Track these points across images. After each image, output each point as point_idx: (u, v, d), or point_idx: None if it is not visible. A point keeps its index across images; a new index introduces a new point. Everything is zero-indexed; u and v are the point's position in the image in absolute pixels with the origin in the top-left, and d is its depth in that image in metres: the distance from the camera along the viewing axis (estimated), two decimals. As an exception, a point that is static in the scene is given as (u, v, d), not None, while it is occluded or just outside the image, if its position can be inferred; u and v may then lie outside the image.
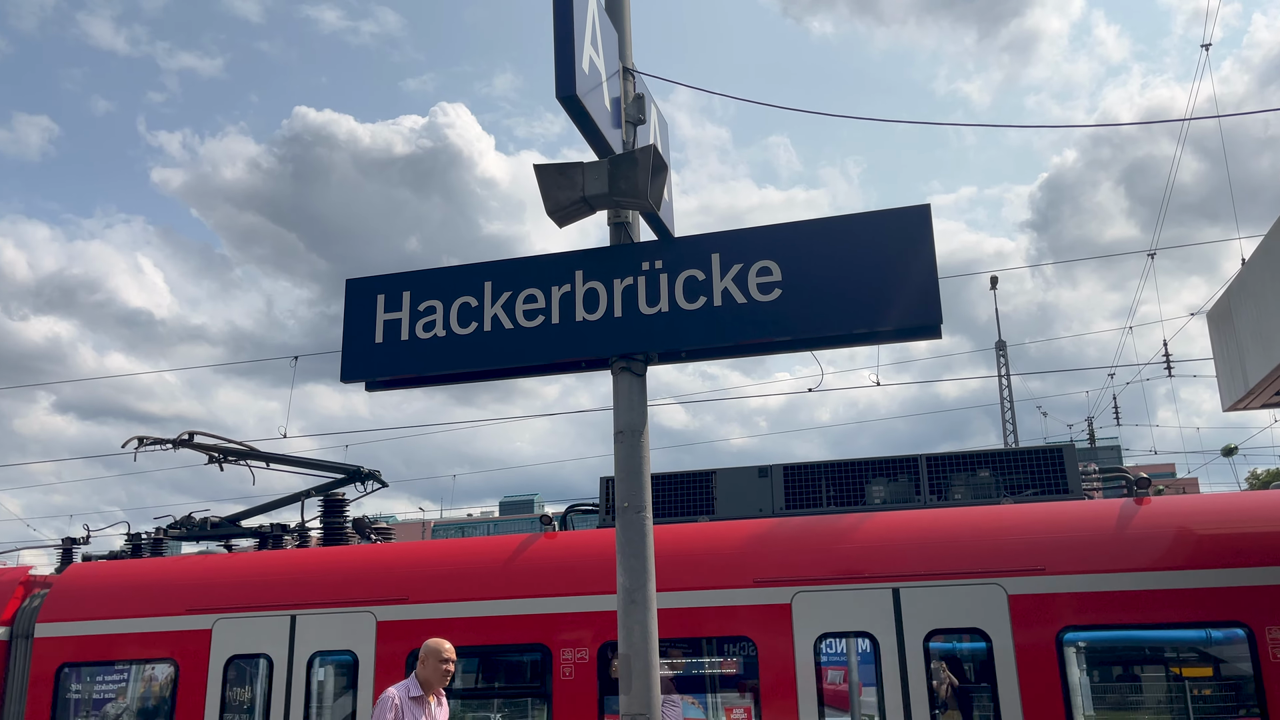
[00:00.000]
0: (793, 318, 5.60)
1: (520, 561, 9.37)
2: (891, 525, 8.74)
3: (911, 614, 8.29)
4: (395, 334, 6.06)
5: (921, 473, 9.41)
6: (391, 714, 6.84)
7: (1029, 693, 7.85)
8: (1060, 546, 8.20)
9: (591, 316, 5.83)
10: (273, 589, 9.76)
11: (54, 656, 9.98)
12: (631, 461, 5.62)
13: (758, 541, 8.93)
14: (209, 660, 9.60)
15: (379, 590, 9.44)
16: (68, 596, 10.29)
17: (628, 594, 5.43)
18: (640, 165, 5.63)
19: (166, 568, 10.50)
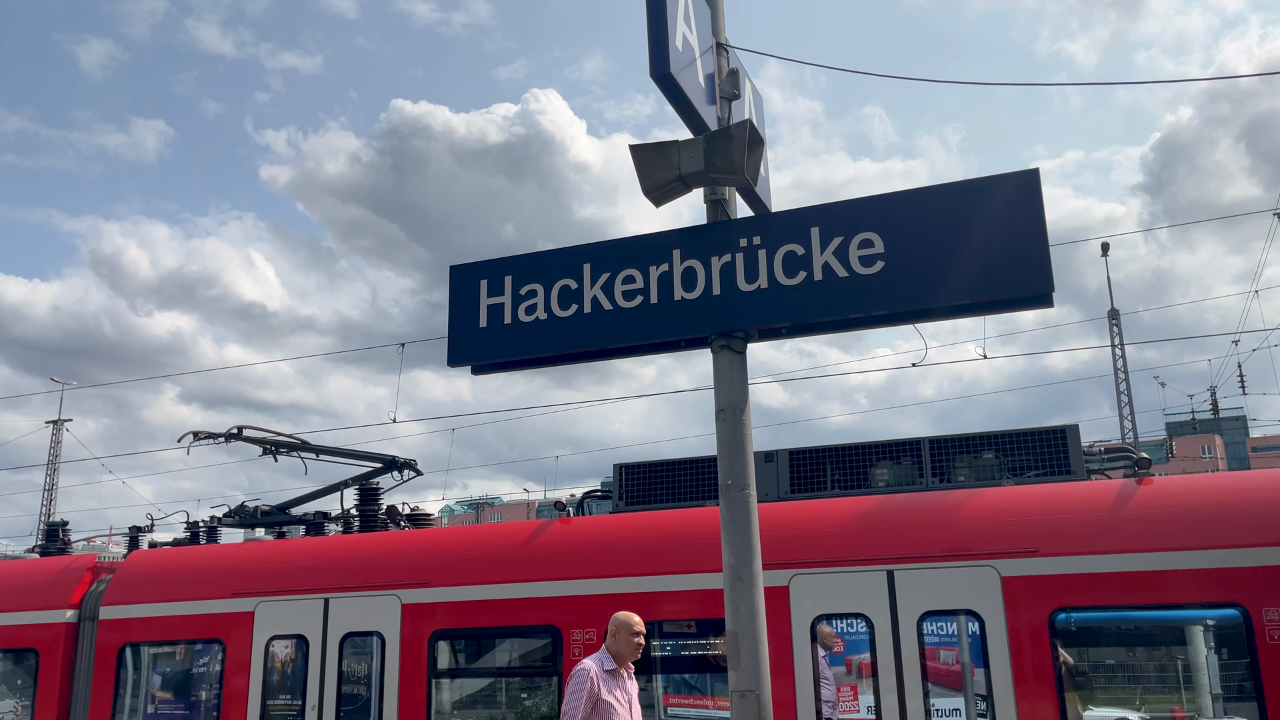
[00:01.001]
0: (896, 290, 5.48)
1: (534, 547, 9.76)
2: (887, 508, 8.84)
3: (906, 595, 8.39)
4: (499, 318, 6.12)
5: (924, 456, 9.46)
6: (589, 686, 6.69)
7: (1021, 673, 7.89)
8: (1054, 528, 8.18)
9: (690, 295, 5.79)
10: (308, 574, 10.37)
11: (116, 637, 10.80)
12: (734, 439, 5.62)
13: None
14: (252, 640, 10.27)
15: (403, 575, 9.95)
16: (128, 582, 11.11)
17: (734, 571, 5.48)
18: (736, 141, 5.59)
19: (215, 554, 11.24)
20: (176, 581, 10.90)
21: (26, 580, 11.66)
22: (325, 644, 10.02)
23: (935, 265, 5.50)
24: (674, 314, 5.80)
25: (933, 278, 5.49)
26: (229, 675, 10.24)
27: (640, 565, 9.22)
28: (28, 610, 11.26)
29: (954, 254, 5.49)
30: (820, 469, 9.77)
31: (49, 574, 11.60)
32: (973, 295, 5.45)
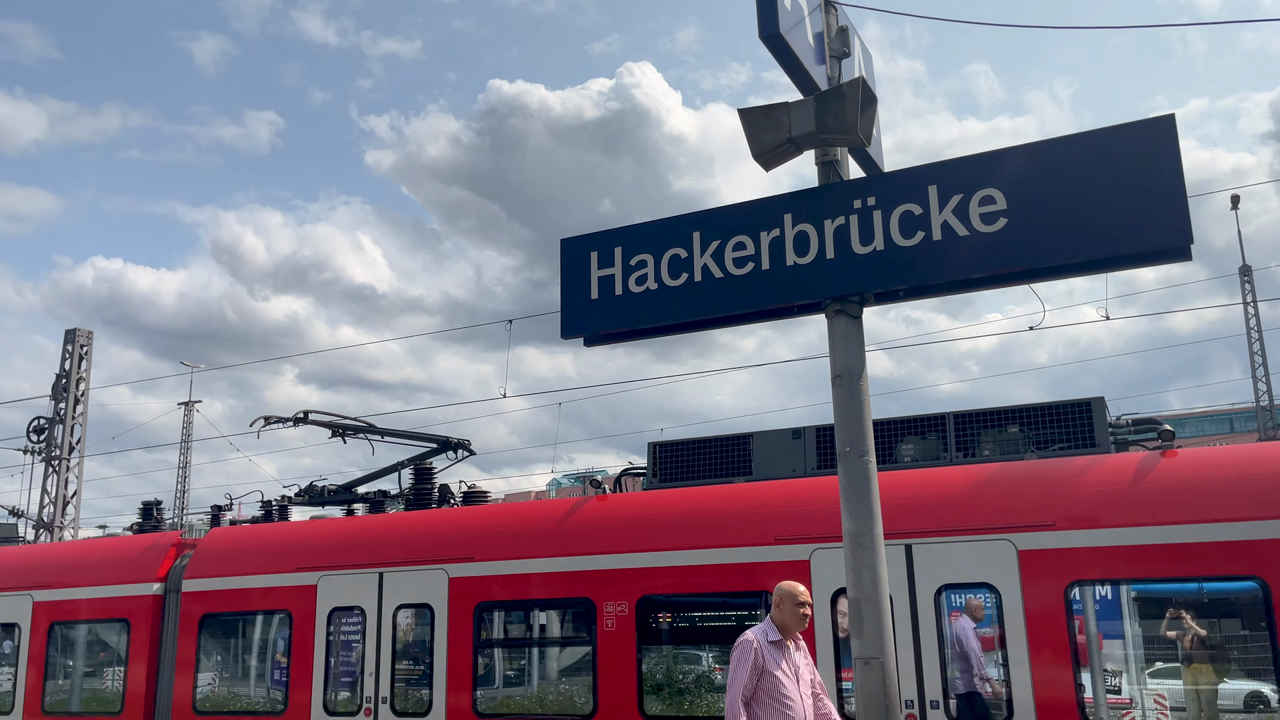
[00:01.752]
0: (1022, 248, 5.21)
1: (570, 523, 10.18)
2: (905, 483, 8.94)
3: (923, 569, 8.52)
4: (610, 289, 6.05)
5: (949, 430, 9.50)
6: (752, 658, 6.29)
7: (1037, 646, 7.95)
8: (1071, 502, 8.18)
9: (802, 260, 5.63)
10: (365, 550, 11.02)
11: (197, 608, 11.69)
12: (851, 406, 5.56)
13: (780, 501, 9.34)
14: (316, 611, 10.99)
15: (450, 550, 10.50)
16: (207, 557, 11.98)
17: (854, 539, 5.45)
18: (849, 99, 5.46)
19: (282, 532, 12.02)
20: (248, 557, 11.72)
21: (119, 556, 12.67)
22: (380, 614, 10.66)
23: (1063, 220, 5.21)
24: (786, 280, 5.66)
25: (1061, 233, 5.21)
26: (295, 643, 10.99)
27: (670, 540, 9.54)
28: (120, 583, 12.25)
29: (1083, 208, 5.22)
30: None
31: (138, 550, 12.59)
32: (1104, 250, 5.18)
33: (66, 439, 27.99)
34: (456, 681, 10.05)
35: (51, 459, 27.75)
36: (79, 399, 28.31)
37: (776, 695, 6.20)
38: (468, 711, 9.94)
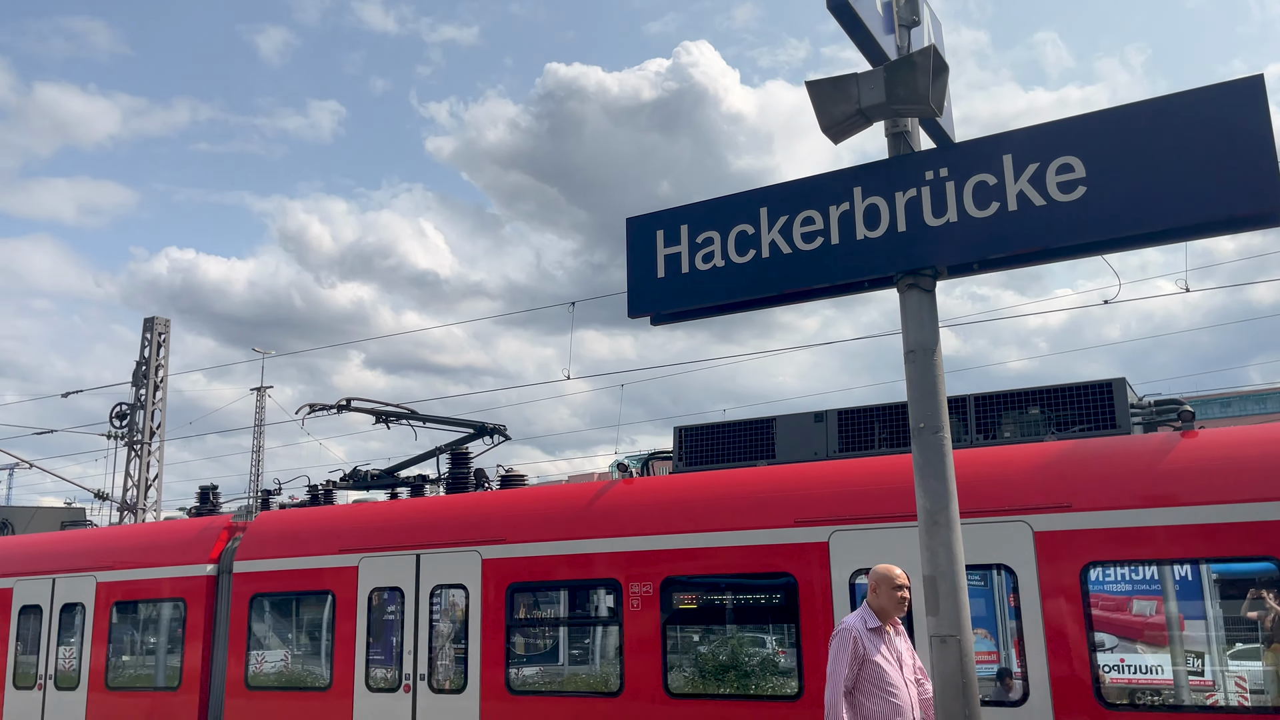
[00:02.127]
0: (1102, 216, 5.06)
1: (598, 505, 10.43)
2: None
3: (940, 551, 8.57)
4: (676, 267, 6.01)
5: (969, 412, 9.53)
6: (851, 647, 6.04)
7: (1053, 627, 8.00)
8: (1088, 483, 8.18)
9: (873, 234, 5.52)
10: (403, 532, 11.40)
11: (248, 588, 12.20)
12: (925, 381, 5.51)
13: (800, 484, 9.47)
14: (357, 591, 11.41)
15: (483, 533, 10.83)
16: (256, 540, 12.49)
17: (929, 516, 5.42)
18: (920, 68, 5.36)
19: (326, 515, 12.46)
20: (295, 539, 12.19)
21: (175, 538, 13.26)
22: (418, 594, 11.04)
23: (1145, 187, 5.07)
24: (857, 254, 5.53)
25: (1142, 201, 5.06)
26: (339, 622, 11.44)
27: (694, 523, 9.73)
28: (177, 565, 12.84)
29: (1166, 174, 5.06)
30: (868, 428, 9.98)
31: (194, 533, 13.16)
32: (1189, 217, 5.03)
33: (147, 424, 28.83)
34: (490, 659, 10.39)
35: (133, 444, 28.58)
36: (158, 385, 29.08)
37: (880, 684, 5.93)
38: (501, 688, 10.27)
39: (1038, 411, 9.28)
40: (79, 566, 13.60)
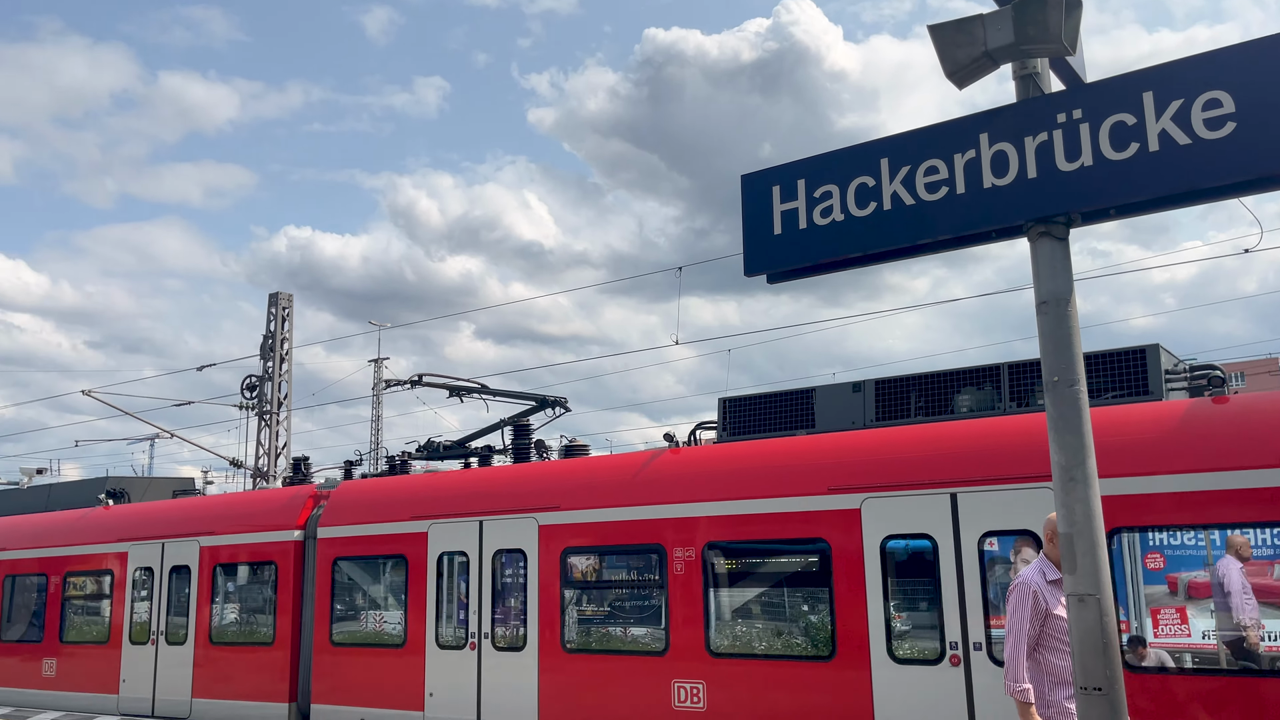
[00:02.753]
0: (1255, 153, 4.87)
1: (644, 475, 10.87)
2: (950, 435, 9.14)
3: (968, 517, 8.75)
4: (793, 224, 5.92)
5: (1003, 381, 9.59)
6: (1032, 602, 5.94)
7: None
8: (1111, 450, 8.21)
9: (1001, 181, 5.37)
10: (468, 500, 12.08)
11: (331, 551, 13.11)
12: (1059, 333, 5.45)
13: (834, 453, 9.71)
14: (427, 555, 12.16)
15: (539, 500, 11.41)
16: (338, 507, 13.38)
17: (1065, 472, 5.40)
18: (1051, 4, 5.14)
19: (400, 484, 13.25)
20: (371, 507, 13.02)
21: (267, 506, 14.28)
22: (481, 558, 11.72)
23: None
24: (984, 203, 5.40)
25: None
26: (411, 584, 12.22)
27: (734, 491, 10.09)
28: (269, 530, 13.85)
29: None
30: (905, 397, 10.13)
31: (283, 501, 14.15)
32: None
33: (275, 395, 30.08)
34: (547, 619, 11.00)
35: (263, 414, 29.93)
36: (284, 358, 30.32)
37: (1065, 637, 5.74)
38: (557, 647, 10.87)
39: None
40: (185, 532, 14.78)
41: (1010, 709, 8.02)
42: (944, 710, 8.59)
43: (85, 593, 15.92)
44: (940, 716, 8.60)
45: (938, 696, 8.65)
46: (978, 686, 8.48)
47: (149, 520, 15.54)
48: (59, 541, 16.47)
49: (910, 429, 9.52)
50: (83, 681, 15.38)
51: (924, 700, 8.71)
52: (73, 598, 16.04)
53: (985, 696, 8.43)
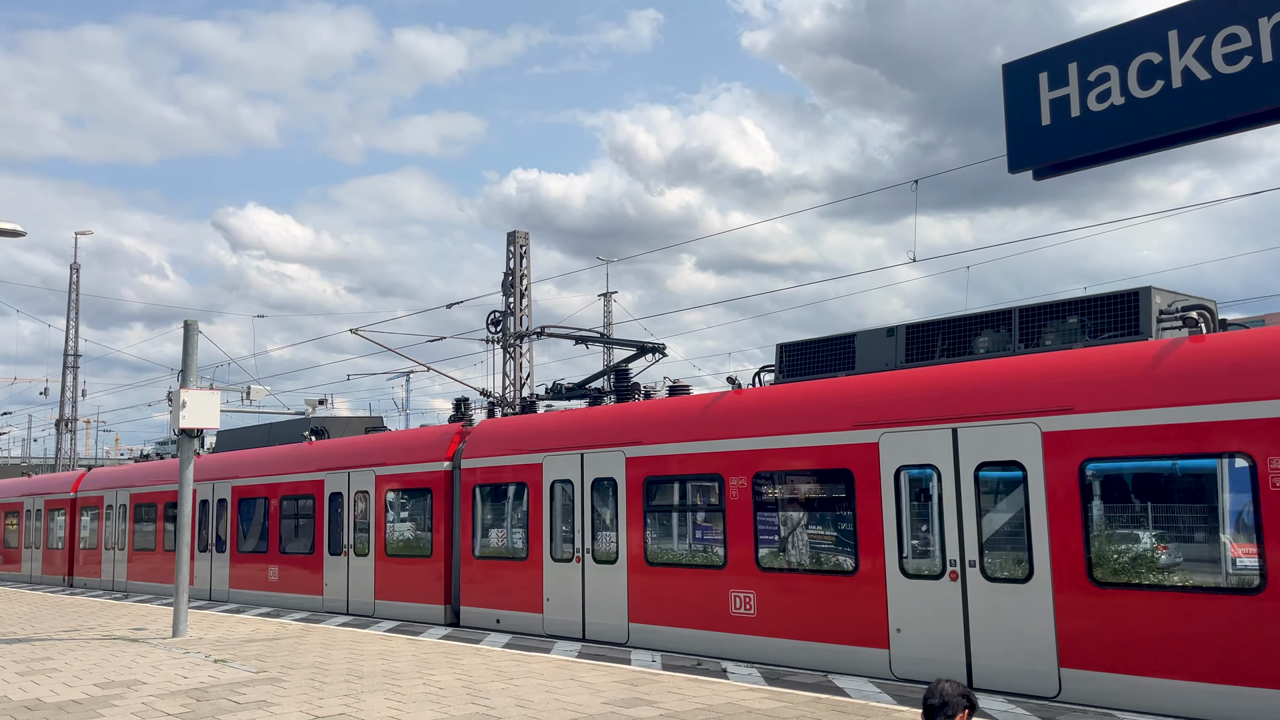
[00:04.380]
0: None
1: (710, 413, 12.36)
2: (954, 376, 10.05)
3: (966, 450, 9.71)
4: (1064, 112, 5.51)
5: (1014, 324, 10.33)
6: None
7: (1055, 517, 8.98)
8: (1088, 387, 8.95)
9: None
10: (573, 436, 14.01)
11: (471, 480, 15.47)
12: None
13: (857, 393, 10.83)
14: (542, 481, 14.22)
15: (626, 436, 13.15)
16: (476, 442, 15.70)
17: None
18: None
19: (522, 423, 15.37)
20: (500, 442, 15.24)
21: (424, 441, 16.84)
22: (583, 485, 13.64)
23: None
24: None
25: None
26: (531, 506, 14.35)
27: (778, 427, 11.42)
28: (426, 462, 16.40)
29: None
30: (931, 341, 11.04)
31: (435, 437, 16.66)
32: None
33: (518, 328, 31.17)
34: (633, 538, 12.80)
35: (507, 347, 31.09)
36: (523, 293, 31.48)
37: None
38: (640, 561, 12.67)
39: (1075, 321, 9.92)
40: (365, 463, 17.64)
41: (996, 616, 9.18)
42: (945, 619, 9.71)
43: (295, 513, 19.27)
44: (941, 624, 9.73)
45: (940, 607, 9.77)
46: (972, 599, 9.53)
47: (338, 454, 18.58)
48: (275, 471, 19.93)
49: (923, 371, 10.49)
50: (296, 585, 18.78)
51: (928, 610, 9.84)
52: (286, 516, 19.45)
53: (979, 609, 9.47)
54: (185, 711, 8.72)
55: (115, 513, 25.88)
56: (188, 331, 14.91)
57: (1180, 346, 8.68)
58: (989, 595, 9.40)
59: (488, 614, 14.92)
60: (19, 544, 30.98)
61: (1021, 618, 9.11)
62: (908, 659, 9.94)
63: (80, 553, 27.60)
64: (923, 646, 9.83)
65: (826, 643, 10.65)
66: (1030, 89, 5.67)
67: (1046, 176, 5.92)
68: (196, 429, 14.47)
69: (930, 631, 9.78)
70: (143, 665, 11.40)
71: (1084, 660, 8.71)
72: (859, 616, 10.38)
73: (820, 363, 12.08)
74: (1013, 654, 9.16)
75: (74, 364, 52.95)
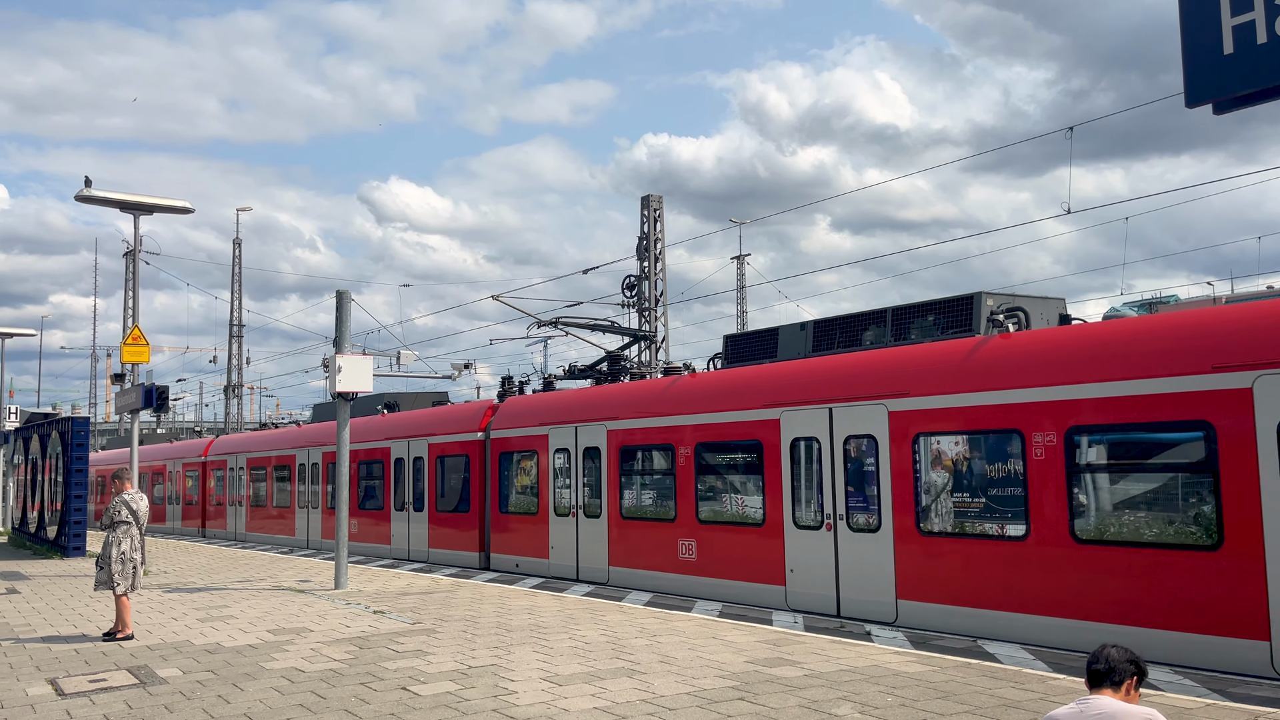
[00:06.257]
0: None
1: (668, 393, 14.89)
2: (831, 366, 12.32)
3: (838, 424, 11.99)
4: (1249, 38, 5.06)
5: (889, 322, 12.49)
6: None
7: (896, 479, 11.23)
8: (920, 376, 11.13)
9: None
10: (569, 412, 16.75)
11: (497, 448, 18.43)
12: None
13: (765, 380, 13.19)
14: (548, 449, 17.04)
15: (607, 413, 15.81)
16: (503, 415, 18.64)
17: None
18: None
19: (535, 400, 18.21)
20: (520, 415, 18.13)
21: (463, 414, 19.90)
22: (577, 453, 16.38)
23: None
24: None
25: None
26: (540, 470, 17.21)
27: (714, 406, 13.87)
28: (464, 432, 19.43)
29: None
30: (832, 334, 13.27)
31: (472, 411, 19.69)
32: None
33: (652, 292, 31.65)
34: (612, 497, 15.50)
35: (642, 310, 31.13)
36: (658, 257, 32.17)
37: None
38: (618, 515, 15.37)
39: (932, 319, 12.03)
40: (420, 433, 20.84)
41: (856, 559, 11.55)
42: (822, 561, 12.07)
43: (369, 475, 22.72)
44: (819, 565, 12.09)
45: (819, 552, 12.13)
46: (841, 546, 11.86)
47: (401, 425, 21.88)
48: (355, 440, 23.43)
49: (815, 361, 12.79)
50: (372, 537, 22.25)
51: (812, 554, 12.21)
52: (363, 478, 22.94)
53: (847, 554, 11.79)
54: (349, 658, 9.33)
55: (235, 474, 30.17)
56: (341, 301, 15.35)
57: (987, 344, 10.77)
58: (852, 543, 11.72)
59: (510, 559, 17.91)
60: (164, 500, 35.95)
61: (873, 560, 11.42)
62: (797, 593, 12.35)
63: (210, 508, 32.14)
64: (807, 584, 12.23)
65: (745, 581, 13.13)
66: (1211, 14, 5.24)
67: (1228, 110, 5.39)
68: (351, 392, 15.00)
69: (813, 572, 12.17)
70: (309, 614, 12.16)
71: (914, 593, 10.98)
72: (766, 559, 12.82)
73: (754, 352, 14.44)
74: (864, 589, 11.49)
75: (239, 334, 56.52)
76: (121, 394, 20.83)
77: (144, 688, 8.26)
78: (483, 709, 7.23)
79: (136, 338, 19.38)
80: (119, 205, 19.08)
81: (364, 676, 8.46)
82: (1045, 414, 9.83)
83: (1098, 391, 9.47)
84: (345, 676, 8.48)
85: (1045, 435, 9.82)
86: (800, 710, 6.99)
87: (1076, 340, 9.97)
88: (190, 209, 19.26)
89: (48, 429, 23.67)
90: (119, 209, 19.36)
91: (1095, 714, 3.80)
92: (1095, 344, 9.74)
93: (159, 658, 9.52)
